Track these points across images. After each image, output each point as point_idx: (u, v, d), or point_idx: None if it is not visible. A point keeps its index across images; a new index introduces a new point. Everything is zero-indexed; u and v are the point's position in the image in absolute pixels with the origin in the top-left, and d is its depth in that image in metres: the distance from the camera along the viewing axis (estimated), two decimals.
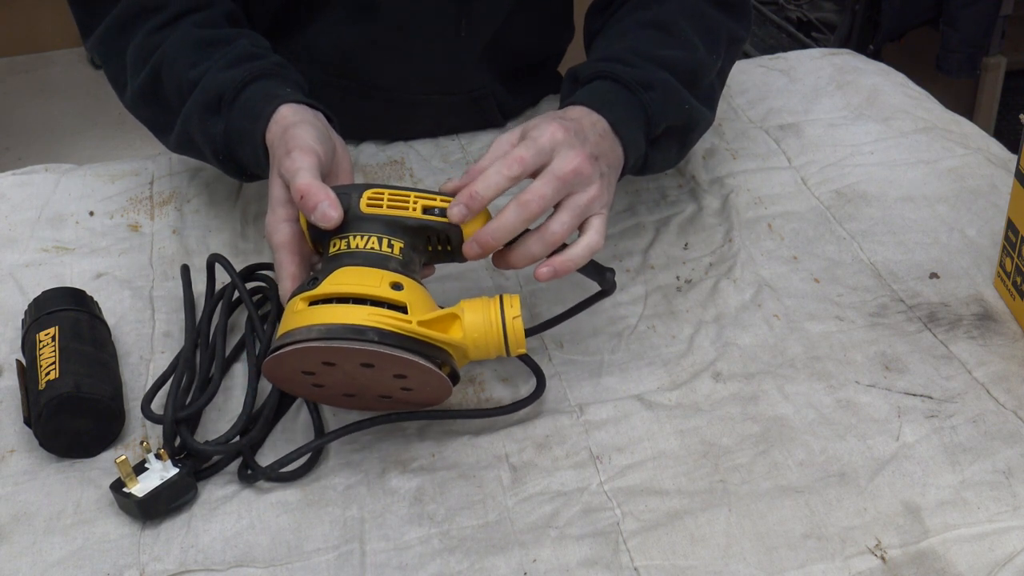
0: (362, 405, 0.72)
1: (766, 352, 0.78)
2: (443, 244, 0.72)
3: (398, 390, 0.69)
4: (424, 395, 0.70)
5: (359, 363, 0.65)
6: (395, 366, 0.66)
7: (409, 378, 0.67)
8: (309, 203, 0.69)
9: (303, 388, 0.70)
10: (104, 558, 0.65)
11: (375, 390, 0.70)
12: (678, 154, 0.89)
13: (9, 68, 2.93)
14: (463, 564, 0.64)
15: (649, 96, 0.81)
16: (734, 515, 0.66)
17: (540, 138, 0.72)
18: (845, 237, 0.90)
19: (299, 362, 0.66)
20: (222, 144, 0.81)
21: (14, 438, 0.73)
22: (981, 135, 1.04)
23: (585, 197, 0.73)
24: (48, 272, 0.88)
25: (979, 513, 0.65)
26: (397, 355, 0.64)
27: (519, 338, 0.70)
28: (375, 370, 0.66)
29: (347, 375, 0.67)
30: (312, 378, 0.68)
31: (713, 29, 0.90)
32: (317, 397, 0.72)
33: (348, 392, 0.70)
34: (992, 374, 0.75)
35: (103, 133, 2.48)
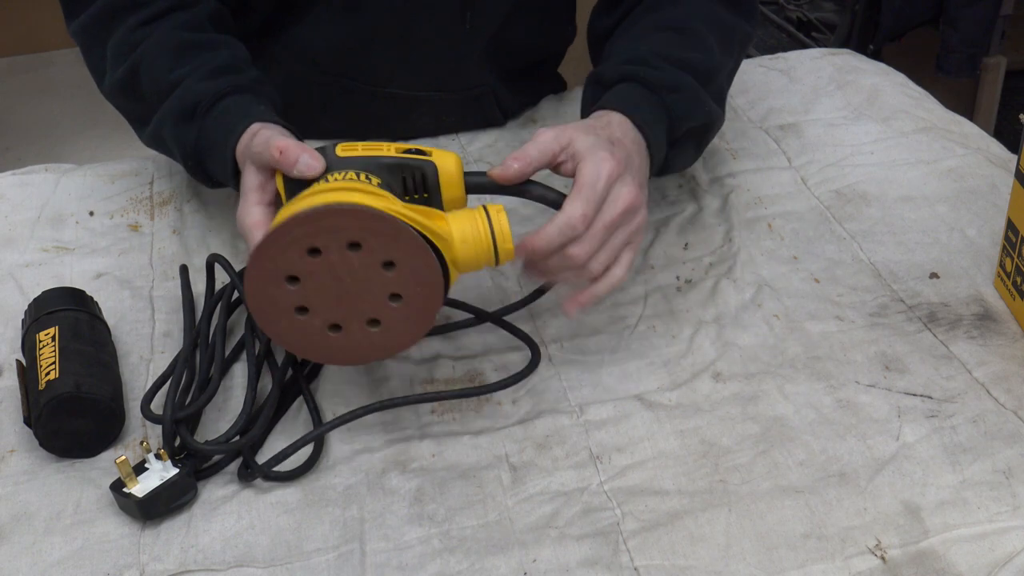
0: (349, 344, 0.69)
1: (766, 352, 0.78)
2: (419, 187, 0.71)
3: (387, 304, 0.67)
4: (415, 305, 0.67)
5: (347, 242, 0.64)
6: (386, 243, 0.64)
7: (399, 270, 0.65)
8: (290, 157, 0.69)
9: (285, 317, 0.67)
10: (104, 558, 0.65)
11: (363, 305, 0.67)
12: (694, 154, 0.89)
13: (9, 68, 2.93)
14: (463, 564, 0.64)
15: (673, 98, 0.82)
16: (734, 515, 0.66)
17: (598, 183, 0.71)
18: (845, 237, 0.90)
19: (284, 251, 0.64)
20: (192, 152, 0.83)
21: (14, 438, 0.73)
22: (981, 135, 1.04)
23: (627, 233, 0.74)
24: (48, 272, 0.88)
25: (979, 513, 0.65)
26: (388, 220, 0.63)
27: (506, 237, 0.69)
28: (363, 255, 0.64)
29: (333, 274, 0.65)
30: (295, 292, 0.65)
31: (726, 31, 0.91)
32: (299, 337, 0.68)
33: (334, 318, 0.67)
34: (992, 374, 0.75)
35: (103, 133, 2.48)
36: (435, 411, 0.75)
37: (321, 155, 0.70)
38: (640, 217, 0.74)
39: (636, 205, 0.73)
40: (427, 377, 0.78)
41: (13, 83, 2.86)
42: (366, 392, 0.76)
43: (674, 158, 0.85)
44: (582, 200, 0.71)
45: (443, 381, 0.77)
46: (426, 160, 0.71)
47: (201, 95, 0.82)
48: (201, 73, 0.83)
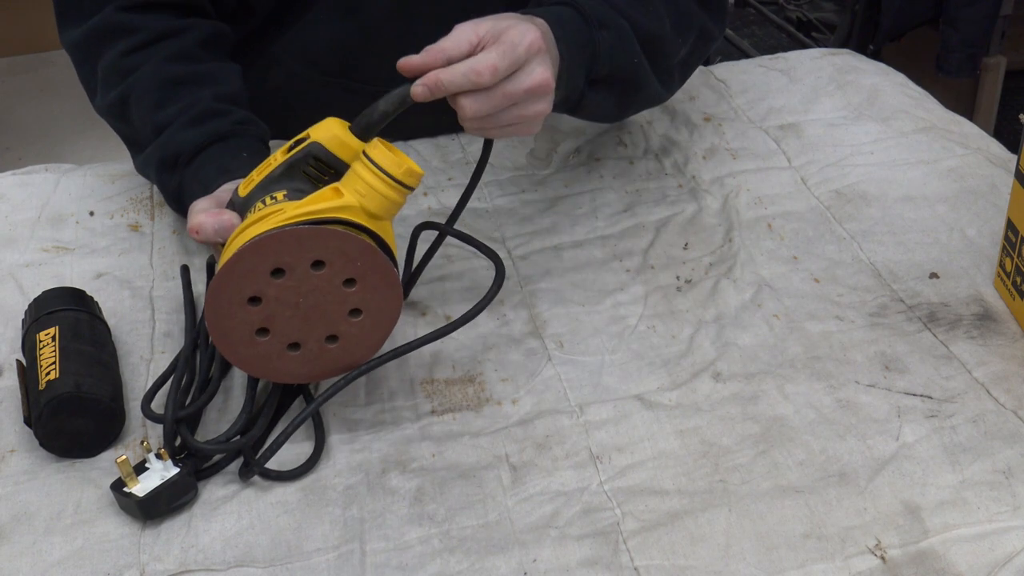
0: (307, 361, 0.69)
1: (766, 352, 0.78)
2: (321, 170, 0.71)
3: (346, 319, 0.67)
4: (374, 318, 0.68)
5: (310, 261, 0.65)
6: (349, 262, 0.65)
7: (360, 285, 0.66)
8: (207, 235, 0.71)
9: (245, 340, 0.67)
10: (104, 558, 0.65)
11: (323, 322, 0.67)
12: (616, 109, 0.88)
13: (9, 68, 2.93)
14: (463, 564, 0.64)
15: (602, 35, 0.81)
16: (734, 515, 0.66)
17: (519, 47, 0.70)
18: (845, 237, 0.90)
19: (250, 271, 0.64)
20: (174, 197, 0.87)
21: (14, 438, 0.73)
22: (981, 135, 1.04)
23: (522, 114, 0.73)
24: (48, 272, 0.88)
25: (979, 513, 0.65)
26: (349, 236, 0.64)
27: (393, 163, 0.68)
28: (326, 274, 0.65)
29: (296, 293, 0.65)
30: (257, 313, 0.66)
31: (685, 15, 0.91)
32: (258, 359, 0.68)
33: (293, 337, 0.68)
34: (992, 374, 0.75)
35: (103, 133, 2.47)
36: (435, 411, 0.75)
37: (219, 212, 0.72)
38: (543, 104, 0.73)
39: (546, 88, 0.72)
40: (427, 377, 0.78)
41: (13, 83, 2.86)
42: (365, 391, 0.76)
43: (590, 102, 0.83)
44: (498, 53, 0.69)
45: (443, 381, 0.77)
46: (308, 143, 0.71)
47: (184, 145, 0.84)
48: (184, 120, 0.85)
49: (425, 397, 0.76)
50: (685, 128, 1.06)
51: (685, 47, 0.92)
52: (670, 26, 0.89)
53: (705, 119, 1.07)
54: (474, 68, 0.70)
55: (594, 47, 0.81)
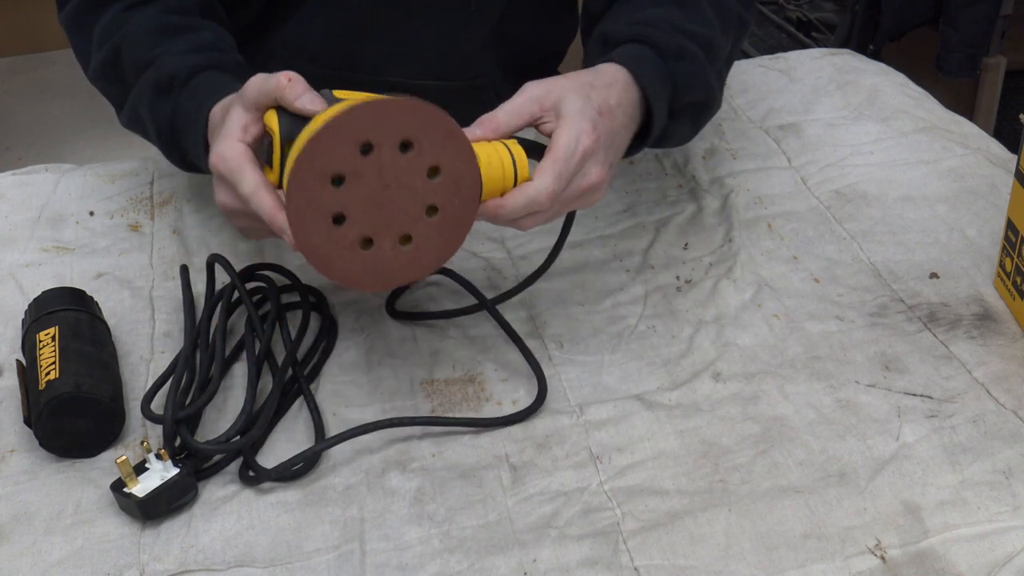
0: (378, 262, 0.66)
1: (766, 352, 0.78)
2: None
3: (423, 218, 0.65)
4: (450, 220, 0.66)
5: (401, 140, 0.62)
6: (438, 145, 0.63)
7: (443, 178, 0.64)
8: (298, 86, 0.67)
9: (321, 225, 0.63)
10: (104, 558, 0.65)
11: (401, 217, 0.65)
12: (691, 131, 0.88)
13: (9, 68, 2.93)
14: (463, 564, 0.64)
15: (679, 67, 0.80)
16: (734, 515, 0.66)
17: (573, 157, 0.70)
18: (845, 237, 0.90)
19: (338, 144, 0.61)
20: (167, 126, 0.81)
21: (14, 438, 0.73)
22: (981, 135, 1.04)
23: (578, 205, 0.73)
24: (48, 272, 0.88)
25: (979, 513, 0.65)
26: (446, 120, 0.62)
27: (524, 166, 0.69)
28: (412, 157, 0.63)
29: (379, 178, 0.63)
30: (338, 195, 0.62)
31: (725, 12, 0.89)
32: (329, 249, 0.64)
33: (369, 231, 0.64)
34: (992, 374, 0.75)
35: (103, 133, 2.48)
36: (435, 411, 0.75)
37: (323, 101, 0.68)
38: (598, 195, 0.73)
39: (599, 186, 0.72)
40: (426, 377, 0.78)
41: (13, 83, 2.86)
42: (365, 391, 0.76)
43: (672, 131, 0.83)
44: (554, 177, 0.69)
45: (443, 381, 0.77)
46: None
47: (179, 68, 0.80)
48: (182, 48, 0.82)
49: (425, 397, 0.76)
50: None
51: (730, 42, 0.90)
52: (719, 29, 0.87)
53: None
54: (535, 200, 0.69)
55: (674, 83, 0.80)
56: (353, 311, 0.84)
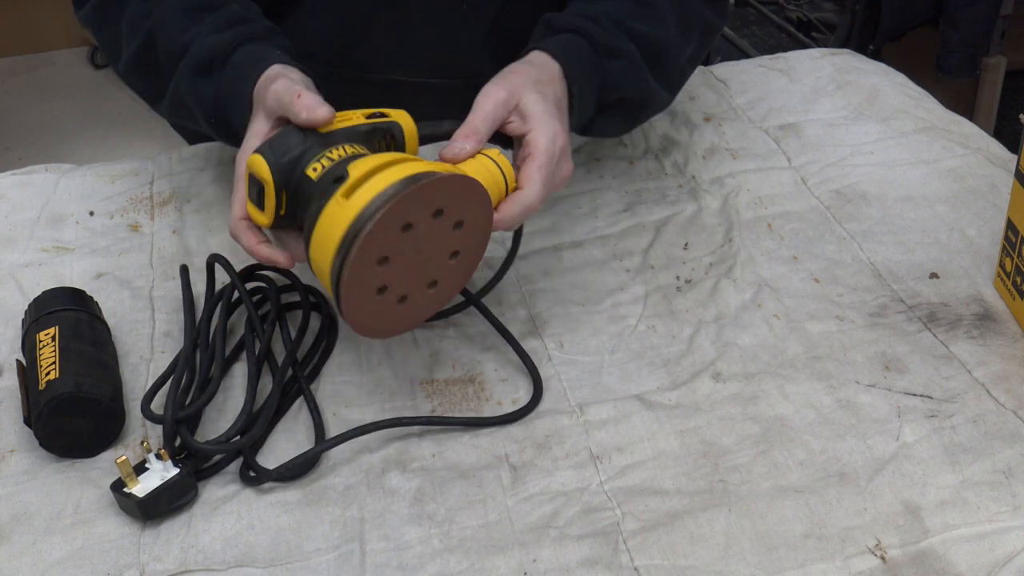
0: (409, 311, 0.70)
1: (766, 352, 0.78)
2: (390, 147, 0.73)
3: (447, 263, 0.69)
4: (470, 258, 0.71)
5: (435, 210, 0.65)
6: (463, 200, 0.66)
7: (466, 227, 0.68)
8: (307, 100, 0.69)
9: (370, 301, 0.66)
10: (104, 558, 0.65)
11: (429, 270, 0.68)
12: (625, 126, 0.92)
13: (9, 68, 2.93)
14: (463, 564, 0.64)
15: (612, 64, 0.83)
16: (734, 515, 0.66)
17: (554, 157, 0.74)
18: (845, 237, 0.90)
19: (389, 230, 0.64)
20: (212, 108, 0.82)
21: (14, 438, 0.73)
22: (981, 135, 1.04)
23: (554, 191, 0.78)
24: (48, 272, 0.88)
25: (979, 513, 0.65)
26: (468, 178, 0.67)
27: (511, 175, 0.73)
28: (443, 221, 0.66)
29: (416, 244, 0.66)
30: (384, 270, 0.65)
31: (689, 14, 0.92)
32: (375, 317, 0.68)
33: (405, 290, 0.68)
34: (992, 374, 0.75)
35: (103, 133, 2.48)
36: (435, 411, 0.75)
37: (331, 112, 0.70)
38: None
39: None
40: (426, 377, 0.78)
41: (13, 83, 2.87)
42: (365, 391, 0.76)
43: (600, 124, 0.87)
44: (542, 182, 0.74)
45: (443, 381, 0.77)
46: (391, 121, 0.73)
47: (215, 49, 0.81)
48: (212, 27, 0.83)
49: (425, 397, 0.76)
50: (685, 128, 1.06)
51: (690, 46, 0.92)
52: (675, 30, 0.89)
53: (705, 119, 1.07)
54: (530, 208, 0.73)
55: (603, 80, 0.83)
56: None
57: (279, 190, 0.68)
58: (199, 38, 0.82)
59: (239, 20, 0.84)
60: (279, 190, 0.68)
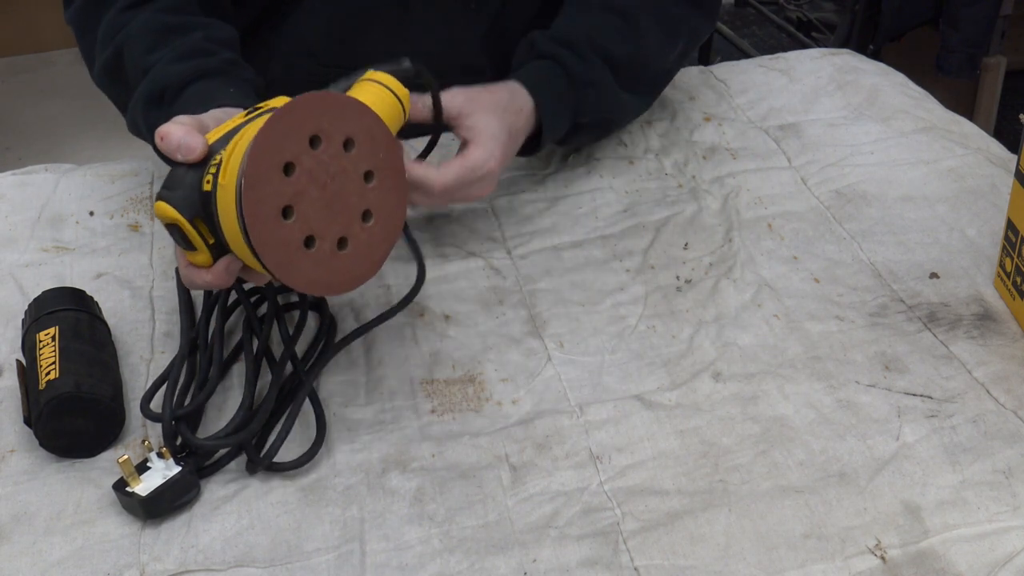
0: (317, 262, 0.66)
1: (766, 352, 0.79)
2: None
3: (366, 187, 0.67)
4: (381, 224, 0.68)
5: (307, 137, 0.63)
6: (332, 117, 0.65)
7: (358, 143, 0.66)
8: (171, 142, 0.68)
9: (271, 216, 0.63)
10: (104, 558, 0.65)
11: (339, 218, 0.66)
12: (595, 139, 0.99)
13: (9, 68, 2.93)
14: (463, 564, 0.64)
15: (587, 92, 0.90)
16: (734, 515, 0.66)
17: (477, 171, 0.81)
18: (845, 237, 0.90)
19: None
20: None
21: (14, 438, 0.73)
22: (981, 135, 1.04)
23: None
24: (48, 272, 0.88)
25: (979, 513, 0.65)
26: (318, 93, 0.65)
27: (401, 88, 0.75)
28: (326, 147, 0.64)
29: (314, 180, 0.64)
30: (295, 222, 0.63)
31: (674, 24, 0.97)
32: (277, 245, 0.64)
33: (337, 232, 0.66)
34: (992, 374, 0.75)
35: (103, 133, 2.48)
36: (435, 411, 0.75)
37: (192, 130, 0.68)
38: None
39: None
40: (426, 377, 0.78)
41: (13, 83, 2.87)
42: (365, 391, 0.76)
43: (574, 140, 0.95)
44: (455, 178, 0.80)
45: (443, 381, 0.77)
46: (270, 108, 0.71)
47: (169, 80, 0.82)
48: (172, 56, 0.83)
49: (425, 397, 0.76)
50: (685, 128, 1.06)
51: (674, 52, 0.95)
52: (657, 41, 0.95)
53: (705, 119, 1.07)
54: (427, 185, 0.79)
55: (577, 106, 0.90)
56: (352, 311, 0.84)
57: (192, 221, 0.67)
58: (159, 64, 0.84)
59: (200, 51, 0.84)
60: (192, 221, 0.67)
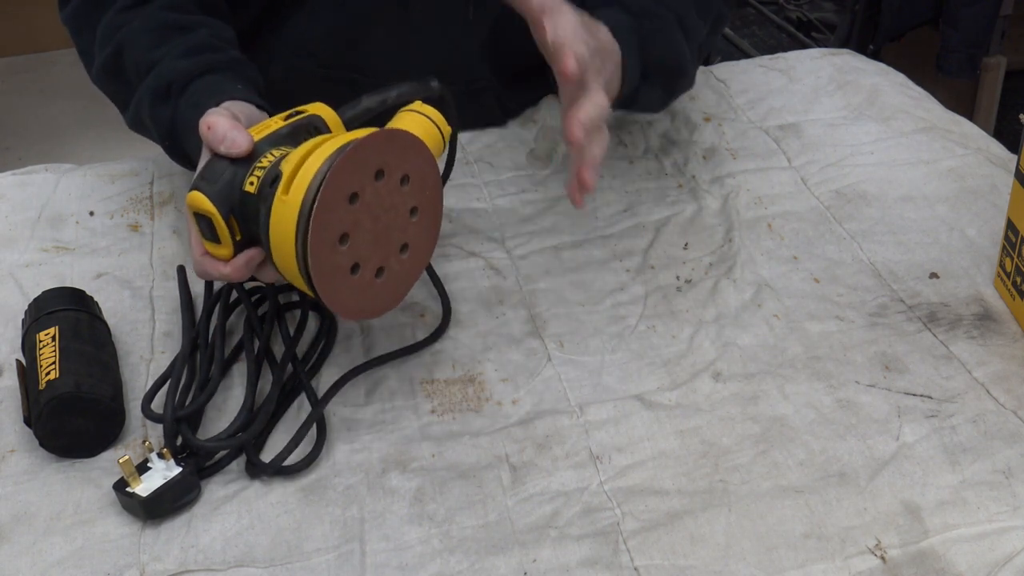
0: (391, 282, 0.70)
1: (766, 352, 0.79)
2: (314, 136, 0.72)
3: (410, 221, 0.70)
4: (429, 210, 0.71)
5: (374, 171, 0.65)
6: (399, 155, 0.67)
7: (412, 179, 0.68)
8: (218, 132, 0.69)
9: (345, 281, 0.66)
10: (104, 558, 0.65)
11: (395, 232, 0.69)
12: (662, 98, 0.95)
13: (9, 68, 2.93)
14: (463, 564, 0.64)
15: (649, 25, 0.86)
16: (734, 515, 0.66)
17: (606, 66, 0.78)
18: (845, 237, 0.90)
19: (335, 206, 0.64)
20: (168, 131, 0.83)
21: (14, 438, 0.73)
22: (981, 135, 1.04)
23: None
24: (48, 272, 0.88)
25: (979, 513, 0.65)
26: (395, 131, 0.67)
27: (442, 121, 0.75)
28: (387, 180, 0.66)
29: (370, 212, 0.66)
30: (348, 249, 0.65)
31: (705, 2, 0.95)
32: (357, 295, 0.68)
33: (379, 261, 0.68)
34: (992, 374, 0.75)
35: (103, 133, 2.48)
36: (435, 411, 0.75)
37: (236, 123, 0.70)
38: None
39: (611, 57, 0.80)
40: (426, 377, 0.78)
41: (13, 83, 2.87)
42: (365, 391, 0.76)
43: (643, 94, 0.89)
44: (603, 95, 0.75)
45: (443, 381, 0.77)
46: (311, 115, 0.73)
47: (176, 74, 0.82)
48: (178, 52, 0.83)
49: (425, 397, 0.76)
50: (685, 128, 1.06)
51: (705, 29, 0.95)
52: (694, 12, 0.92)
53: (705, 119, 1.07)
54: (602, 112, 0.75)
55: (643, 42, 0.85)
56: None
57: (226, 217, 0.69)
58: (165, 60, 0.83)
59: (206, 47, 0.84)
60: (226, 217, 0.69)
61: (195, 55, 0.83)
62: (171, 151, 0.86)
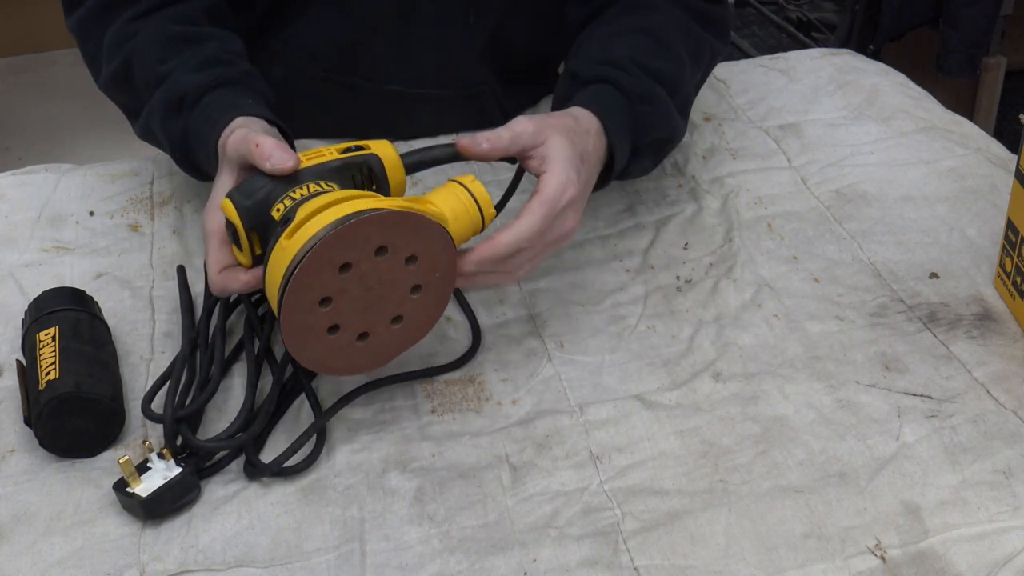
0: (376, 347, 0.70)
1: (766, 352, 0.79)
2: (367, 181, 0.73)
3: (409, 296, 0.69)
4: (434, 291, 0.70)
5: (375, 248, 0.65)
6: (408, 236, 0.66)
7: (421, 262, 0.67)
8: (265, 150, 0.70)
9: (319, 341, 0.67)
10: (104, 558, 0.65)
11: (388, 306, 0.68)
12: (652, 164, 0.92)
13: (9, 68, 2.93)
14: (463, 564, 0.64)
15: (644, 109, 0.84)
16: (734, 515, 0.66)
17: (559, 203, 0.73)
18: (845, 237, 0.90)
19: (318, 275, 0.64)
20: (179, 143, 0.84)
21: (14, 438, 0.73)
22: (981, 135, 1.04)
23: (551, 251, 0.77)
24: (48, 272, 0.88)
25: (979, 513, 0.65)
26: (408, 213, 0.65)
27: (487, 202, 0.73)
28: (389, 257, 0.66)
29: (362, 282, 0.66)
30: (328, 313, 0.66)
31: (699, 45, 0.93)
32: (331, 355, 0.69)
33: (363, 327, 0.69)
34: (992, 374, 0.75)
35: (103, 133, 2.48)
36: (435, 411, 0.75)
37: (296, 157, 0.71)
38: (567, 241, 0.77)
39: (572, 232, 0.76)
40: (426, 377, 0.78)
41: (13, 83, 2.86)
42: (364, 390, 0.76)
43: (634, 166, 0.87)
44: (542, 216, 0.73)
45: (443, 381, 0.77)
46: (369, 154, 0.73)
47: (188, 88, 0.82)
48: (189, 65, 0.84)
49: (425, 397, 0.76)
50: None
51: (699, 73, 0.94)
52: (689, 63, 0.91)
53: (705, 119, 1.07)
54: (524, 238, 0.72)
55: (638, 125, 0.84)
56: None
57: (248, 232, 0.70)
58: (175, 73, 0.83)
59: (217, 61, 0.85)
60: (248, 232, 0.70)
61: (206, 68, 0.83)
62: (182, 163, 0.87)
